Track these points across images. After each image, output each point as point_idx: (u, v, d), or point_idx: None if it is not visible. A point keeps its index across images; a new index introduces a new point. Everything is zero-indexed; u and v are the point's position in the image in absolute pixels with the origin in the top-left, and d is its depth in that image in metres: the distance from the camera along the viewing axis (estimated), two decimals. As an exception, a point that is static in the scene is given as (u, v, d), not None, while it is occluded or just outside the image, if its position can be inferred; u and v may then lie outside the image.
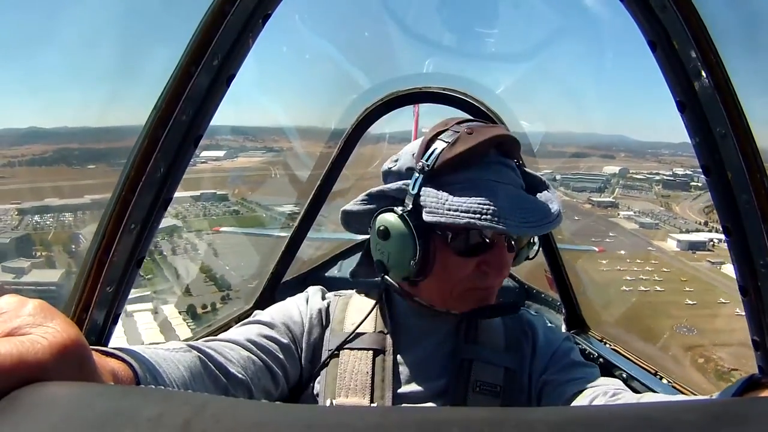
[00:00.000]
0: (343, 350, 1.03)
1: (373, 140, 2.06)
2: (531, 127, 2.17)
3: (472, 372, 1.00)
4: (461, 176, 0.96)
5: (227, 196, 29.88)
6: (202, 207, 27.99)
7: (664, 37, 0.92)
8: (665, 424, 0.31)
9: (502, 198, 0.92)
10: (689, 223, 30.00)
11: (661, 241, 24.68)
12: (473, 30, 2.60)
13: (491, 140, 0.97)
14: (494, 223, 0.89)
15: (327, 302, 1.13)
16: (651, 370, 1.70)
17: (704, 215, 30.33)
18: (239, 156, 32.37)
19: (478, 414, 0.33)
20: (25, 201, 20.09)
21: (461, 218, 0.90)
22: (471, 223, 0.89)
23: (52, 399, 0.35)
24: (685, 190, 35.33)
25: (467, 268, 0.98)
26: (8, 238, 20.69)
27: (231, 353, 0.92)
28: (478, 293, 1.01)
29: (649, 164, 42.00)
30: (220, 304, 17.85)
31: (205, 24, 0.92)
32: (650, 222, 27.44)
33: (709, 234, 27.22)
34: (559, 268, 2.02)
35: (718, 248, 24.56)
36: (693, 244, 24.88)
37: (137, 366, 0.63)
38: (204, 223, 26.01)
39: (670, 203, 33.37)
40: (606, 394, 0.87)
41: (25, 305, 0.47)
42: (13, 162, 13.00)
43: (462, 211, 0.90)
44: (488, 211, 0.90)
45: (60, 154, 10.78)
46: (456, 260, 0.97)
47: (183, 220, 25.25)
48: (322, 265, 2.74)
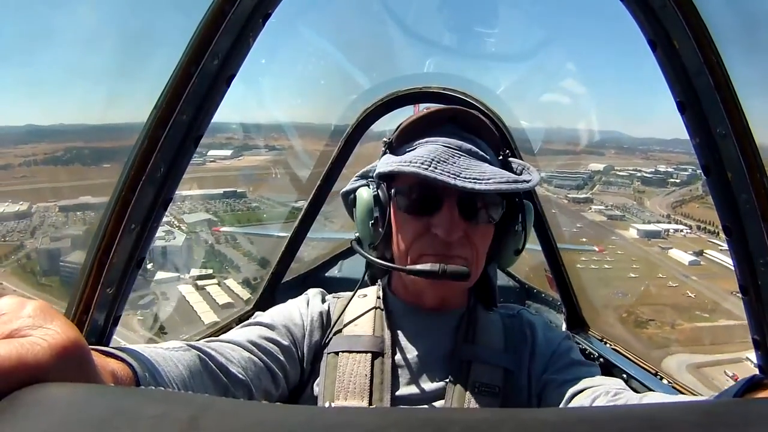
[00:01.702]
0: (342, 353, 1.03)
1: (375, 138, 2.06)
2: (530, 126, 2.17)
3: (470, 373, 1.00)
4: (413, 144, 1.02)
5: (246, 193, 31.71)
6: (228, 203, 30.26)
7: (664, 37, 0.92)
8: (665, 424, 0.31)
9: (440, 154, 0.94)
10: (654, 215, 33.31)
11: (623, 230, 28.26)
12: (473, 30, 2.60)
13: (443, 111, 1.04)
14: (419, 169, 0.91)
15: (327, 305, 1.14)
16: (651, 370, 1.70)
17: (671, 209, 33.63)
18: (244, 154, 33.35)
19: (478, 415, 0.33)
20: (62, 199, 19.97)
21: (390, 167, 0.96)
22: (397, 170, 0.93)
23: (51, 400, 0.35)
24: (661, 186, 37.65)
25: (416, 227, 0.99)
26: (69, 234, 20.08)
27: (231, 353, 0.92)
28: (431, 258, 0.97)
29: (637, 161, 42.96)
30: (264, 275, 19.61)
31: (205, 24, 0.92)
32: (618, 215, 31.08)
33: (668, 225, 31.21)
34: (559, 268, 2.02)
35: (672, 237, 28.98)
36: (650, 233, 28.77)
37: (137, 366, 0.63)
38: (233, 217, 28.11)
39: (644, 198, 35.92)
40: (608, 393, 0.87)
41: (24, 307, 0.46)
42: (29, 161, 13.22)
43: (396, 162, 0.95)
44: (418, 161, 0.92)
45: (73, 153, 10.87)
46: (405, 219, 1.01)
47: (215, 215, 27.84)
48: (322, 265, 2.74)
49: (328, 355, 1.04)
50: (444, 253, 0.97)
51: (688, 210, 33.93)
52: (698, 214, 32.59)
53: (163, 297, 19.38)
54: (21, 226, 19.65)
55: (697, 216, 32.31)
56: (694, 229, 31.35)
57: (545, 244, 1.99)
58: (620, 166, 40.44)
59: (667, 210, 33.81)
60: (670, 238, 29.34)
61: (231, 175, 32.57)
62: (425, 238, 0.98)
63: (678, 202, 34.59)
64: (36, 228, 17.37)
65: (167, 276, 20.26)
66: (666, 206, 34.39)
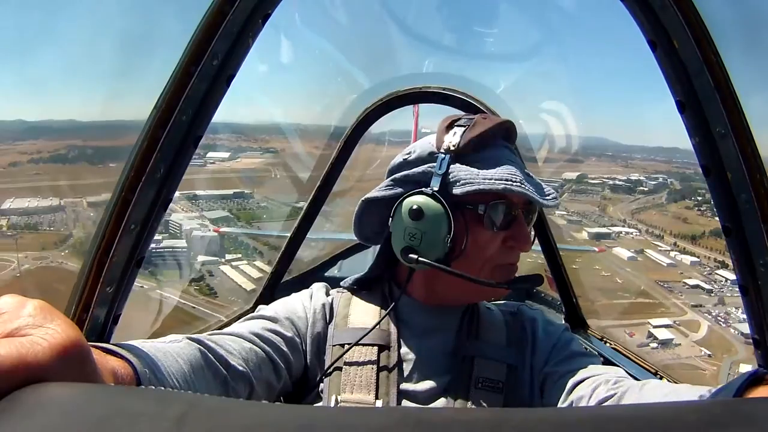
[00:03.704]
0: (348, 345, 1.03)
1: (374, 140, 2.05)
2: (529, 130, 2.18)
3: (474, 368, 1.00)
4: (485, 154, 1.03)
5: (252, 194, 33.66)
6: (239, 203, 32.66)
7: (664, 37, 0.92)
8: (666, 424, 0.31)
9: (516, 171, 0.99)
10: (612, 220, 37.29)
11: (577, 233, 31.81)
12: (473, 30, 2.60)
13: (503, 123, 1.07)
14: (527, 190, 0.96)
15: (330, 298, 1.13)
16: (651, 369, 1.70)
17: (629, 216, 37.40)
18: (240, 157, 34.44)
19: (479, 415, 0.33)
20: (87, 195, 21.35)
21: (497, 185, 0.96)
22: (508, 188, 0.95)
23: (51, 399, 0.35)
24: (629, 194, 40.76)
25: (496, 242, 1.02)
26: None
27: (232, 345, 0.91)
28: (506, 269, 1.05)
29: (616, 168, 45.21)
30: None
31: (205, 24, 0.92)
32: (576, 219, 34.99)
33: (620, 228, 35.52)
34: (559, 268, 2.03)
35: (621, 238, 33.57)
36: (599, 235, 33.26)
37: (136, 362, 0.63)
38: (247, 215, 31.05)
39: (607, 205, 39.52)
40: (608, 382, 0.88)
41: (25, 306, 0.46)
42: (35, 159, 13.57)
43: (497, 179, 0.96)
44: (519, 179, 0.97)
45: (76, 151, 10.99)
46: (486, 234, 1.01)
47: (231, 213, 30.68)
48: (322, 265, 2.74)
49: (333, 347, 1.04)
50: (516, 263, 1.06)
51: (644, 216, 37.39)
52: (654, 220, 36.42)
53: (209, 274, 23.30)
54: (58, 218, 21.08)
55: (652, 222, 36.25)
56: (642, 232, 35.29)
57: (545, 244, 1.99)
58: (596, 174, 42.66)
59: (626, 216, 37.64)
60: (619, 239, 33.56)
61: (231, 177, 33.68)
62: (501, 251, 1.03)
63: (638, 209, 38.14)
64: (75, 219, 18.81)
65: (209, 259, 23.87)
66: (626, 213, 38.03)
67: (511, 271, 1.06)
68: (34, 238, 19.00)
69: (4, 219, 15.78)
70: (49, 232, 19.91)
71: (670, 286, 27.92)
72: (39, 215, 19.62)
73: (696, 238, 33.13)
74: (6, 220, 16.11)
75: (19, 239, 18.25)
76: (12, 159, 14.17)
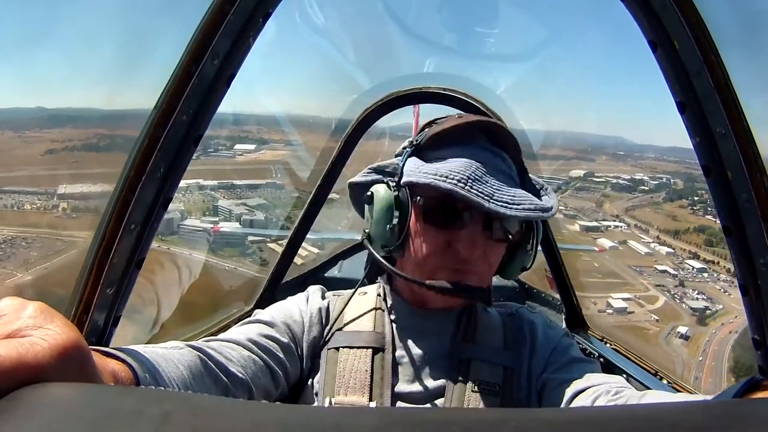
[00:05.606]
0: (342, 348, 1.03)
1: (375, 136, 2.05)
2: (530, 128, 2.18)
3: (470, 371, 1.00)
4: (444, 152, 1.00)
5: (283, 185, 35.43)
6: (272, 192, 34.35)
7: (665, 37, 0.92)
8: (666, 424, 0.31)
9: (474, 171, 0.92)
10: (605, 216, 40.27)
11: (570, 225, 34.88)
12: (473, 30, 2.60)
13: (477, 122, 1.01)
14: (457, 187, 0.89)
15: (327, 301, 1.14)
16: (651, 369, 1.70)
17: (622, 212, 40.21)
18: (264, 149, 36.04)
19: (477, 415, 0.33)
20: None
21: (426, 178, 0.93)
22: (434, 184, 0.91)
23: (51, 399, 0.35)
24: (630, 192, 43.01)
25: (438, 240, 0.98)
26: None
27: (231, 353, 0.92)
28: (449, 272, 0.98)
29: (624, 167, 46.67)
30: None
31: (205, 24, 0.92)
32: (572, 214, 38.19)
33: (610, 222, 38.81)
34: (559, 268, 2.02)
35: (610, 231, 36.99)
36: (590, 227, 36.80)
37: (137, 366, 0.63)
38: (283, 203, 32.52)
39: (605, 203, 42.08)
40: (608, 393, 0.87)
41: (25, 307, 0.47)
42: (69, 147, 13.63)
43: (431, 174, 0.93)
44: (455, 176, 0.90)
45: (107, 140, 10.93)
46: (427, 230, 0.99)
47: (268, 201, 32.54)
48: (322, 266, 2.74)
49: (328, 350, 1.04)
50: (461, 269, 0.98)
51: (637, 213, 39.99)
52: (645, 216, 39.29)
53: (258, 249, 24.65)
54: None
55: (642, 218, 39.17)
56: (630, 227, 38.49)
57: (545, 244, 1.99)
58: (603, 173, 44.53)
59: (619, 212, 40.54)
60: (607, 232, 37.18)
61: (259, 168, 35.04)
62: (446, 252, 0.98)
63: (632, 206, 40.70)
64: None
65: (256, 238, 25.31)
66: (620, 209, 40.75)
67: (454, 275, 0.97)
68: (93, 219, 20.43)
69: (64, 202, 16.32)
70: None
71: (641, 270, 31.83)
72: (94, 199, 20.75)
73: (679, 234, 36.22)
74: (66, 203, 16.67)
75: (82, 220, 19.93)
76: (47, 147, 14.31)
